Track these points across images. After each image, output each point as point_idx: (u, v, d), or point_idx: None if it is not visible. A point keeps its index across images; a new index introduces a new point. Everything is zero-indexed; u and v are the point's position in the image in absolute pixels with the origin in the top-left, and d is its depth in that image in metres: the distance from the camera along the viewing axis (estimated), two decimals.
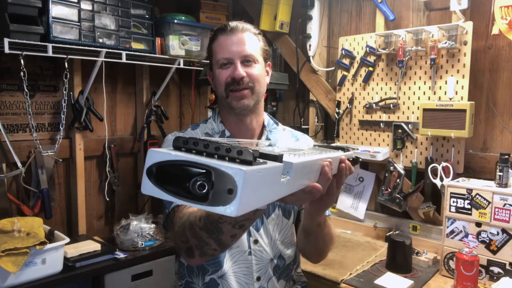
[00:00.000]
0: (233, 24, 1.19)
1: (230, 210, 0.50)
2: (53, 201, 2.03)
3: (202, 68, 2.34)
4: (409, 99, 1.96)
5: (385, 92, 2.04)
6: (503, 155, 1.57)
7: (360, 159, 0.95)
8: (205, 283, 1.20)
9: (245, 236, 1.19)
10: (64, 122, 1.98)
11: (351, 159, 0.91)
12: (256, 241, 1.20)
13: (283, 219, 1.24)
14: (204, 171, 0.52)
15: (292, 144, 1.28)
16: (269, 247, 1.22)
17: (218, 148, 0.53)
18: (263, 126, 1.28)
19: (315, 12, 2.29)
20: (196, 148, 0.55)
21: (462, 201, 1.61)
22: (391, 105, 2.00)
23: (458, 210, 1.62)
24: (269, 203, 0.61)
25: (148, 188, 0.56)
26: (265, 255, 1.21)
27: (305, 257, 1.29)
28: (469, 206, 1.59)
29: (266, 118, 1.30)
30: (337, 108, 2.23)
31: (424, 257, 1.77)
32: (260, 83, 1.20)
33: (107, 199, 2.24)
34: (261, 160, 0.56)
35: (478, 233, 1.58)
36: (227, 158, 0.53)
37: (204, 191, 0.52)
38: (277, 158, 0.58)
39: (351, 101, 2.17)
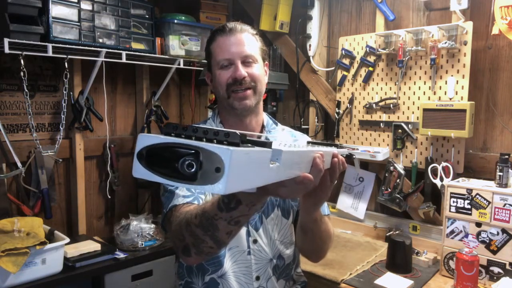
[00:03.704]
0: (231, 25, 1.19)
1: (218, 188, 0.52)
2: (53, 201, 2.03)
3: (202, 68, 2.34)
4: (409, 99, 1.96)
5: (385, 92, 2.04)
6: (503, 155, 1.57)
7: (354, 156, 0.97)
8: (205, 283, 1.20)
9: (244, 235, 1.19)
10: (64, 122, 1.98)
11: (344, 155, 0.92)
12: (255, 241, 1.20)
13: (282, 219, 1.24)
14: (192, 151, 0.54)
15: (289, 141, 1.28)
16: (268, 247, 1.22)
17: (206, 132, 0.55)
18: (262, 126, 1.28)
19: (315, 12, 2.29)
20: (185, 133, 0.57)
21: (462, 201, 1.61)
22: (391, 105, 2.00)
23: (458, 210, 1.62)
24: (258, 186, 0.63)
25: (139, 171, 0.57)
26: (264, 255, 1.21)
27: (304, 256, 1.29)
28: (469, 206, 1.59)
29: (265, 118, 1.30)
30: (337, 108, 2.23)
31: (424, 257, 1.77)
32: (261, 82, 1.21)
33: (108, 198, 2.24)
34: (249, 144, 0.58)
35: (478, 233, 1.58)
36: (215, 140, 0.55)
37: (193, 170, 0.53)
38: (266, 144, 0.60)
39: (351, 101, 2.17)
